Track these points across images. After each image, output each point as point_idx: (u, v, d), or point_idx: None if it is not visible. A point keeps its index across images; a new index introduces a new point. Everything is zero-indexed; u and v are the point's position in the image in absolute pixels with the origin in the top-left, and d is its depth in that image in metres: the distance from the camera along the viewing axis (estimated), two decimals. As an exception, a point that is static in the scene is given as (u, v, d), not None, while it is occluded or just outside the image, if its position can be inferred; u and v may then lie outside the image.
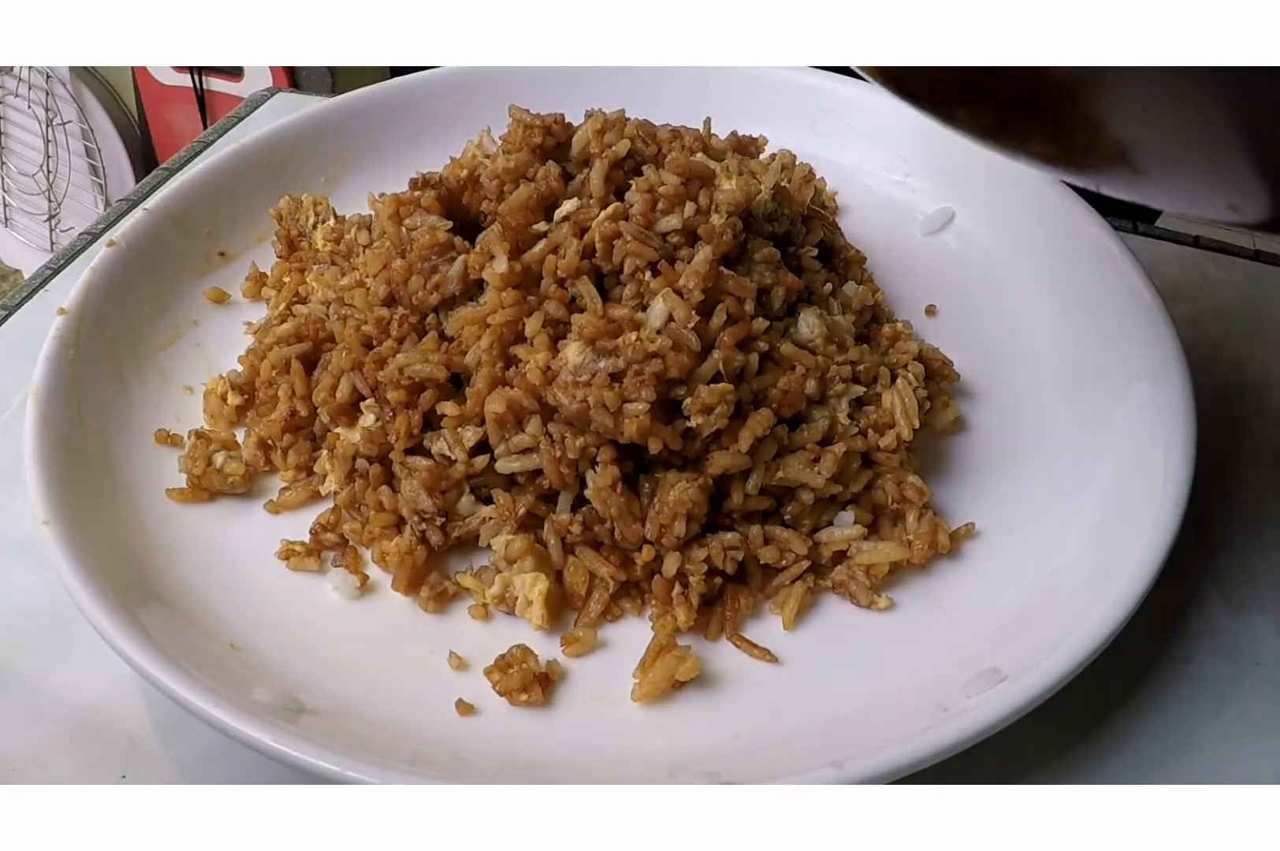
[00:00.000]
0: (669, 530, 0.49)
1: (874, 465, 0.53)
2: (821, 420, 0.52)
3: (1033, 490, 0.55)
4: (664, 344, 0.48)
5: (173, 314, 0.63)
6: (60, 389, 0.55)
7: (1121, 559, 0.47)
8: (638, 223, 0.52)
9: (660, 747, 0.46)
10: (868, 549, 0.51)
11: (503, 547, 0.51)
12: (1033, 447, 0.56)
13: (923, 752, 0.41)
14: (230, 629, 0.49)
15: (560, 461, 0.50)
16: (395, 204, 0.57)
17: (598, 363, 0.48)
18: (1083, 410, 0.57)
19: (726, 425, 0.49)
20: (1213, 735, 0.48)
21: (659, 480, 0.50)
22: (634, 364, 0.48)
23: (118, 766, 0.47)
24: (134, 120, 1.85)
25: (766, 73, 0.73)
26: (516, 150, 0.56)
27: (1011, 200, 0.66)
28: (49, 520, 0.48)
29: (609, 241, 0.52)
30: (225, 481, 0.54)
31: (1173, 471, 0.50)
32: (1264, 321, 0.66)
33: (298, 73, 1.60)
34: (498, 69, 0.72)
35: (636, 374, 0.48)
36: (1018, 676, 0.44)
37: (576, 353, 0.49)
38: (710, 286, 0.51)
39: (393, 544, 0.51)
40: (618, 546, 0.51)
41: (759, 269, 0.53)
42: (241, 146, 0.69)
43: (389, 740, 0.45)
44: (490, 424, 0.51)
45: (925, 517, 0.52)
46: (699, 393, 0.49)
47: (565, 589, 0.51)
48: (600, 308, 0.51)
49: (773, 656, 0.49)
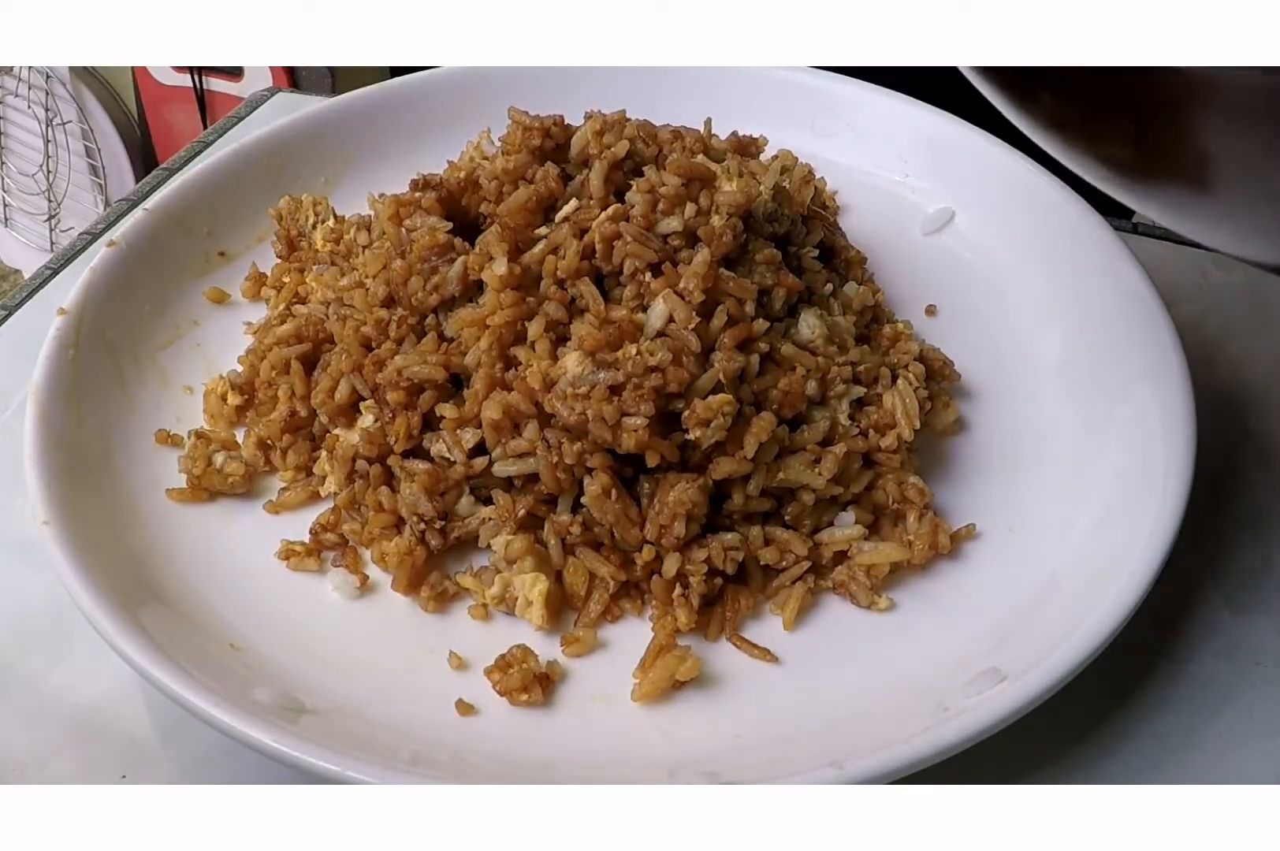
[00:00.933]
0: (669, 531, 0.49)
1: (875, 465, 0.53)
2: (822, 421, 0.52)
3: (1033, 490, 0.54)
4: (664, 357, 0.48)
5: (173, 314, 0.63)
6: (60, 389, 0.55)
7: (1121, 559, 0.47)
8: (638, 224, 0.52)
9: (660, 747, 0.46)
10: (868, 549, 0.51)
11: (502, 548, 0.51)
12: (1033, 448, 0.56)
13: (923, 752, 0.41)
14: (230, 629, 0.49)
15: (557, 467, 0.50)
16: (395, 205, 0.57)
17: (597, 375, 0.48)
18: (1083, 410, 0.57)
19: (727, 433, 0.49)
20: (1213, 735, 0.48)
21: (659, 481, 0.50)
22: (634, 377, 0.48)
23: (118, 766, 0.47)
24: (134, 120, 1.85)
25: (766, 73, 0.73)
26: (516, 152, 0.56)
27: (1011, 200, 0.66)
28: (49, 520, 0.48)
29: (609, 242, 0.52)
30: (225, 481, 0.54)
31: (1173, 471, 0.50)
32: (1264, 321, 0.66)
33: (298, 73, 1.60)
34: (498, 69, 0.72)
35: (636, 388, 0.48)
36: (1018, 676, 0.44)
37: (576, 363, 0.49)
38: (710, 288, 0.51)
39: (392, 544, 0.51)
40: (618, 547, 0.51)
41: (760, 270, 0.53)
42: (241, 146, 0.69)
43: (389, 740, 0.45)
44: (487, 429, 0.51)
45: (926, 518, 0.52)
46: (695, 406, 0.49)
47: (565, 589, 0.51)
48: (602, 308, 0.51)
49: (773, 656, 0.49)
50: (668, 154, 0.56)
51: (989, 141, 0.67)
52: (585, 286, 0.52)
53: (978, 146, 0.68)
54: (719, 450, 0.50)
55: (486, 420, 0.51)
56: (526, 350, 0.52)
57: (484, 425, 0.51)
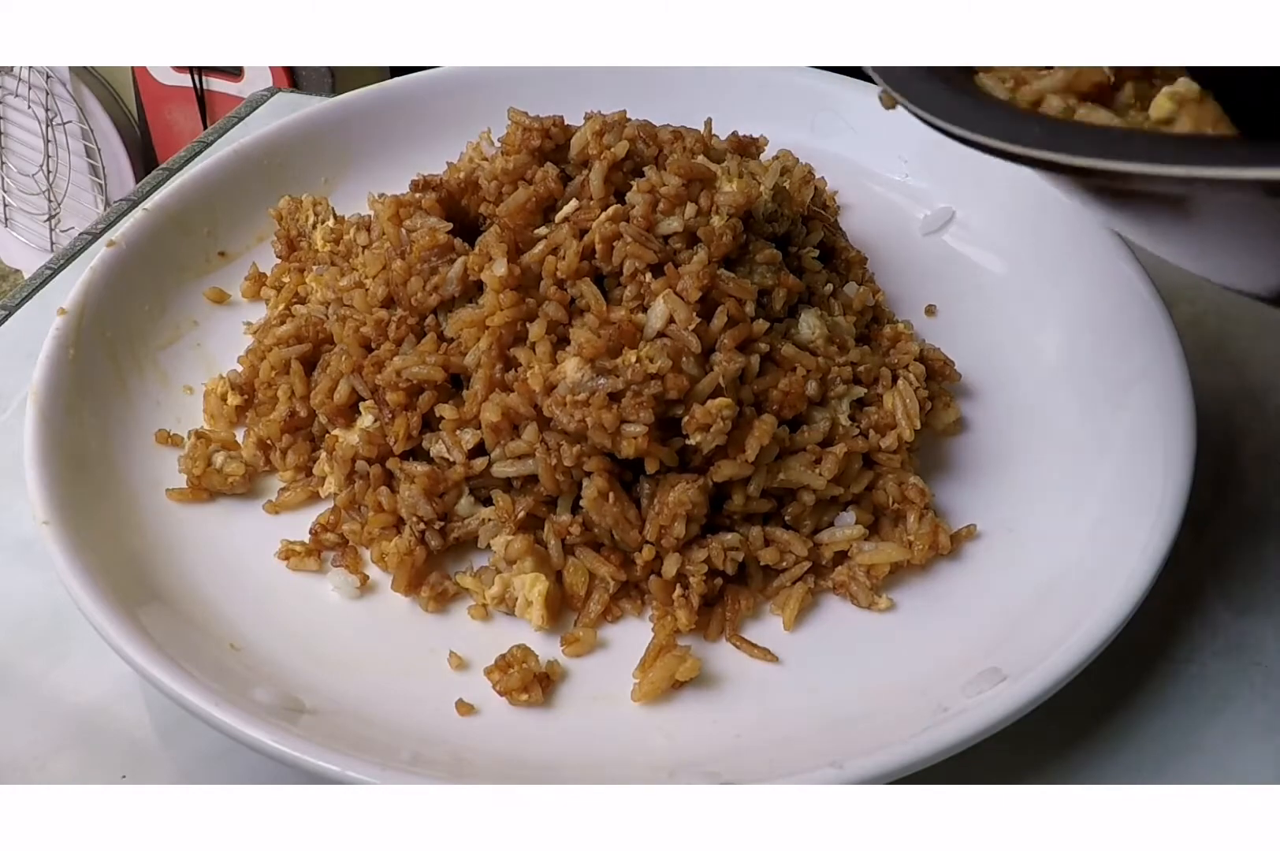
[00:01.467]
0: (668, 531, 0.49)
1: (875, 466, 0.53)
2: (823, 421, 0.52)
3: (1033, 490, 0.54)
4: (664, 364, 0.48)
5: (173, 314, 0.63)
6: (60, 389, 0.55)
7: (1121, 559, 0.47)
8: (638, 224, 0.52)
9: (660, 747, 0.46)
10: (868, 549, 0.51)
11: (502, 548, 0.51)
12: (1033, 448, 0.56)
13: (923, 752, 0.41)
14: (230, 629, 0.49)
15: (556, 469, 0.50)
16: (395, 205, 0.57)
17: (596, 381, 0.48)
18: (1083, 410, 0.57)
19: (727, 436, 0.49)
20: (1214, 735, 0.48)
21: (659, 482, 0.50)
22: (633, 385, 0.48)
23: (118, 766, 0.47)
24: (134, 120, 1.85)
25: (766, 73, 0.73)
26: (515, 152, 0.56)
27: (1011, 200, 0.66)
28: (49, 520, 0.48)
29: (609, 243, 0.52)
30: (225, 481, 0.54)
31: (1173, 471, 0.50)
32: (1264, 322, 0.66)
33: (298, 73, 1.60)
34: (498, 69, 0.72)
35: (635, 395, 0.48)
36: (1018, 676, 0.44)
37: (575, 369, 0.49)
38: (710, 288, 0.51)
39: (392, 544, 0.51)
40: (618, 547, 0.51)
41: (760, 270, 0.53)
42: (241, 146, 0.69)
43: (389, 740, 0.45)
44: (486, 430, 0.51)
45: (926, 518, 0.52)
46: (695, 412, 0.49)
47: (565, 589, 0.51)
48: (603, 308, 0.51)
49: (773, 656, 0.49)
50: (668, 154, 0.56)
51: (989, 141, 0.67)
52: (586, 287, 0.52)
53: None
54: (719, 453, 0.50)
55: (486, 422, 0.51)
56: (526, 351, 0.52)
57: (483, 426, 0.51)
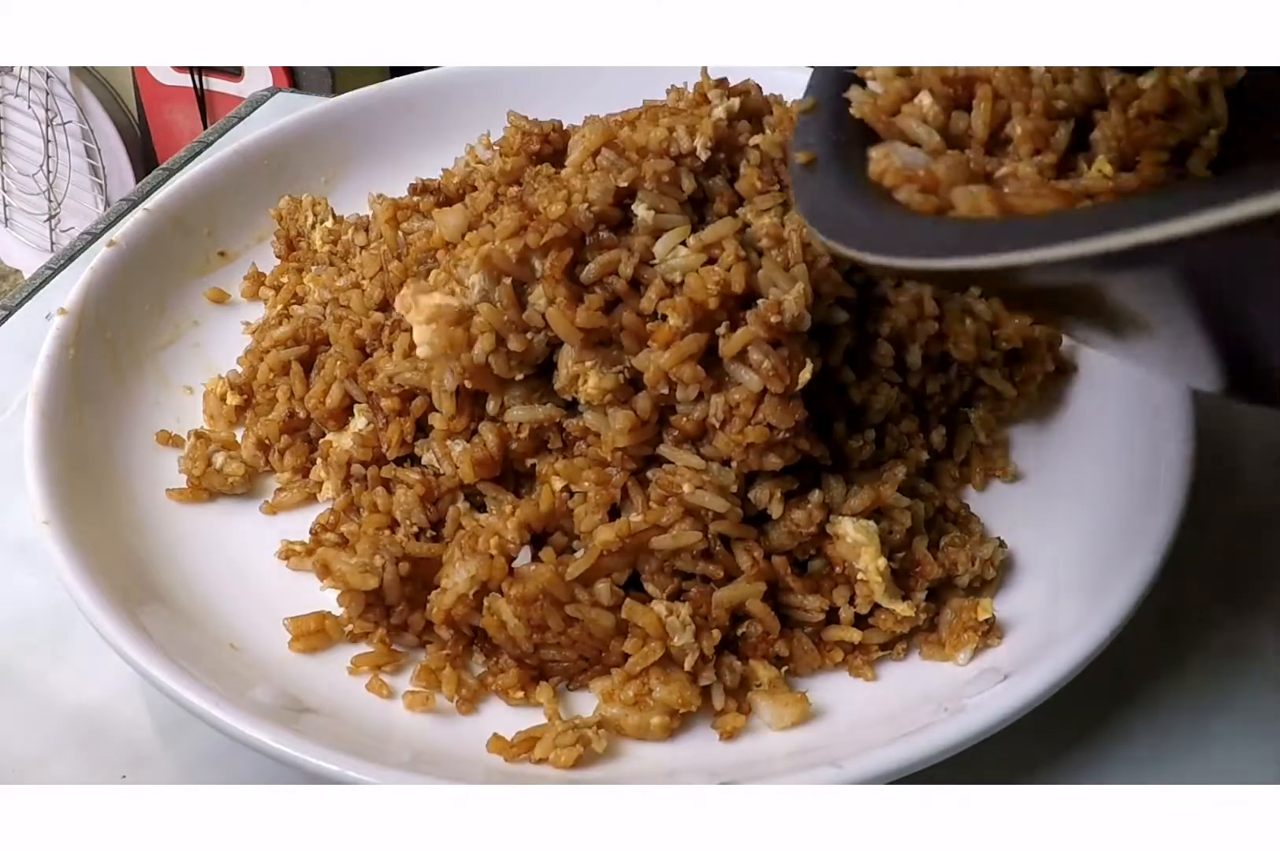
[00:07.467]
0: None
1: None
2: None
3: (1033, 490, 0.55)
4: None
5: (173, 314, 0.63)
6: (60, 389, 0.54)
7: (1121, 559, 0.47)
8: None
9: (660, 747, 0.46)
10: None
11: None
12: (1032, 448, 0.56)
13: (923, 752, 0.41)
14: (230, 629, 0.49)
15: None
16: (393, 208, 0.57)
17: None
18: (1082, 410, 0.57)
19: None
20: (1214, 735, 0.48)
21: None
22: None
23: (118, 766, 0.47)
24: (134, 120, 1.85)
25: (766, 73, 0.73)
26: (513, 155, 0.56)
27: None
28: (49, 520, 0.48)
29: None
30: (225, 481, 0.54)
31: (1173, 471, 0.50)
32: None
33: (298, 73, 1.60)
34: (498, 69, 0.72)
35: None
36: (1018, 676, 0.44)
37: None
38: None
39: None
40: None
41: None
42: (241, 146, 0.69)
43: (389, 740, 0.45)
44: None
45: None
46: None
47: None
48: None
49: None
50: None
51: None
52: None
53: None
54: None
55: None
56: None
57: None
